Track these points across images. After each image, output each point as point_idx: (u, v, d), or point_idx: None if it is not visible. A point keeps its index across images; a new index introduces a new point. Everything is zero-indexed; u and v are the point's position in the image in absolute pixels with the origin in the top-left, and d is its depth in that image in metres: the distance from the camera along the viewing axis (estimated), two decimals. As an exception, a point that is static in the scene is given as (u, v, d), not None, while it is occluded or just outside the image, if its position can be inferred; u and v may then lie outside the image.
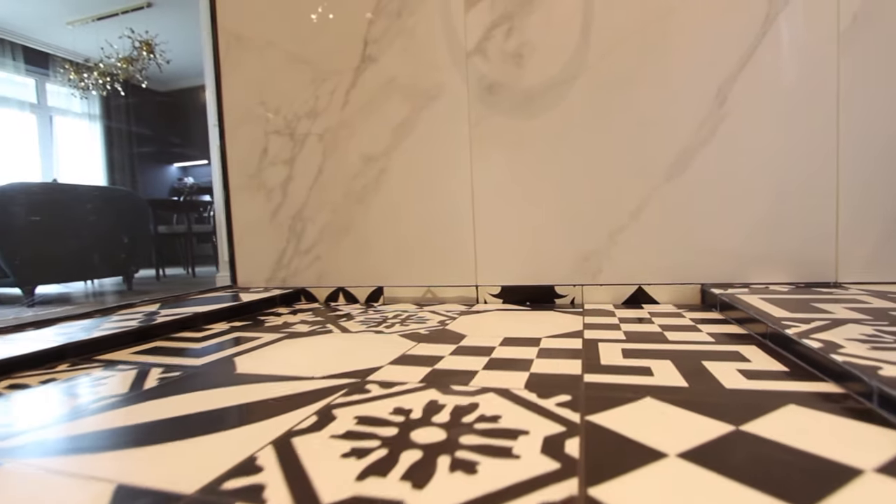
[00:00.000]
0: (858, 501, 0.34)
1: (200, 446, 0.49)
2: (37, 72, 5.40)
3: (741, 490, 0.36)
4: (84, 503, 0.39)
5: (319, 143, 1.44)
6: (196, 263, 5.02)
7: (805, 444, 0.43)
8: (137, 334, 0.99)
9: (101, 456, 0.48)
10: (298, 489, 0.39)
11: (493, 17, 1.28)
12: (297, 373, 0.73)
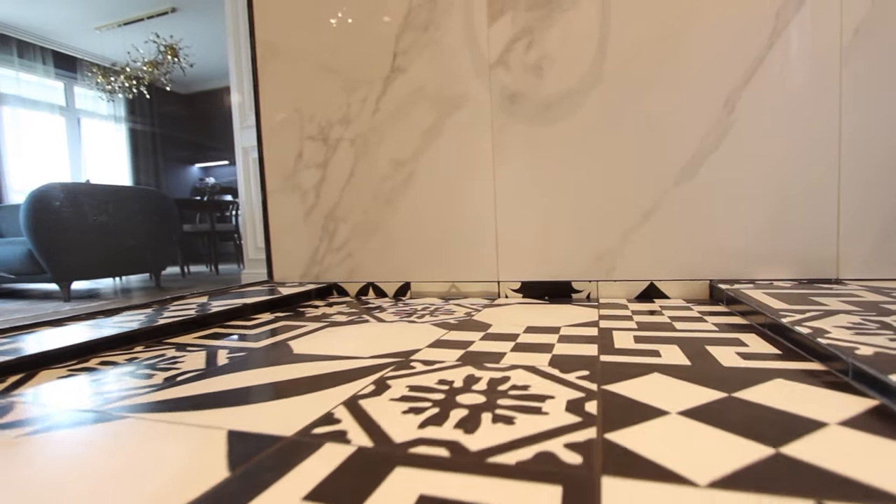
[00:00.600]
0: (818, 442, 0.44)
1: (283, 406, 0.60)
2: (65, 75, 5.63)
3: (727, 436, 0.46)
4: (206, 443, 0.50)
5: (351, 148, 1.56)
6: (218, 261, 5.19)
7: (784, 406, 0.53)
8: (196, 322, 1.12)
9: (204, 412, 0.59)
10: (374, 433, 0.50)
11: (515, 30, 1.38)
12: (347, 353, 0.85)
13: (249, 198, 3.26)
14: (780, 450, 0.43)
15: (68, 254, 3.36)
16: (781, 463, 0.41)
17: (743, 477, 0.39)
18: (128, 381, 0.73)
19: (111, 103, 5.85)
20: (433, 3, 1.43)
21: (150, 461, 0.46)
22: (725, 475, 0.39)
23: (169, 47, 4.97)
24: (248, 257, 3.24)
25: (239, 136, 3.23)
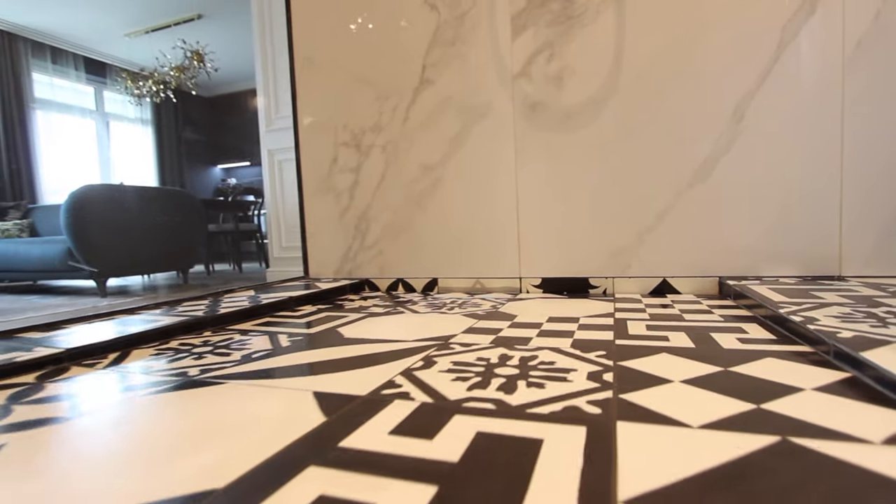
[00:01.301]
0: (792, 401, 0.56)
1: (351, 375, 0.73)
2: (96, 80, 5.88)
3: (718, 397, 0.58)
4: (298, 400, 0.63)
5: (382, 154, 1.69)
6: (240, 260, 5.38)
7: (770, 377, 0.64)
8: (249, 312, 1.26)
9: (286, 380, 0.72)
10: (431, 394, 0.63)
11: (537, 44, 1.49)
12: (392, 338, 0.97)
13: (275, 199, 3.41)
14: (760, 405, 0.55)
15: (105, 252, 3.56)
16: (759, 414, 0.52)
17: (728, 422, 0.50)
18: (210, 357, 0.87)
19: (139, 107, 6.09)
20: (460, 20, 1.56)
21: (264, 411, 0.60)
22: (714, 420, 0.51)
23: (195, 53, 5.18)
24: (273, 256, 3.40)
25: (265, 139, 3.39)
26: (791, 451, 0.44)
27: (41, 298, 3.56)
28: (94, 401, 0.65)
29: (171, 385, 0.71)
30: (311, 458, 0.46)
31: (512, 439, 0.48)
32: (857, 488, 0.37)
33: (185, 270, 4.33)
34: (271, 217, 3.45)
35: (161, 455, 0.48)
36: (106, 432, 0.55)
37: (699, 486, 0.38)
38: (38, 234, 4.65)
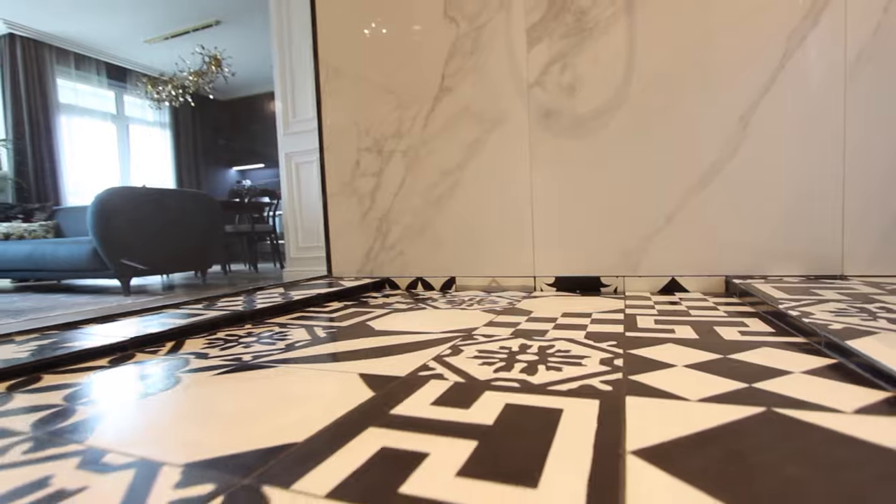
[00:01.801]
0: (781, 381, 0.64)
1: (389, 360, 0.82)
2: (117, 85, 6.07)
3: (716, 378, 0.66)
4: (347, 379, 0.73)
5: (403, 159, 1.79)
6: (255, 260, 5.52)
7: (763, 363, 0.73)
8: (283, 307, 1.36)
9: (333, 364, 0.82)
10: (462, 375, 0.72)
11: (551, 55, 1.58)
12: (420, 330, 1.07)
13: (292, 200, 3.52)
14: (751, 385, 0.63)
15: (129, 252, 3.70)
16: (750, 391, 0.61)
17: (721, 397, 0.59)
18: (258, 346, 0.97)
19: (158, 111, 6.27)
20: (478, 32, 1.65)
21: (318, 388, 0.69)
22: (709, 396, 0.59)
23: (213, 58, 5.34)
24: (290, 256, 3.51)
25: (282, 142, 3.50)
26: (773, 418, 0.52)
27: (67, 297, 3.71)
28: (168, 380, 0.76)
29: (231, 368, 0.81)
30: (369, 421, 0.55)
31: (536, 409, 0.57)
32: (824, 445, 0.46)
33: (204, 270, 4.46)
34: (288, 218, 3.56)
35: (244, 418, 0.58)
36: (190, 402, 0.65)
37: (693, 442, 0.47)
38: (62, 235, 4.83)
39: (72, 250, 3.85)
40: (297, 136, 3.35)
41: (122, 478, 0.44)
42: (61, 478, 0.44)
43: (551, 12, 1.57)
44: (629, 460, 0.44)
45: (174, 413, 0.61)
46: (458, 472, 0.43)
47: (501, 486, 0.40)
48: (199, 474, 0.44)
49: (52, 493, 0.42)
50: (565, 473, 0.42)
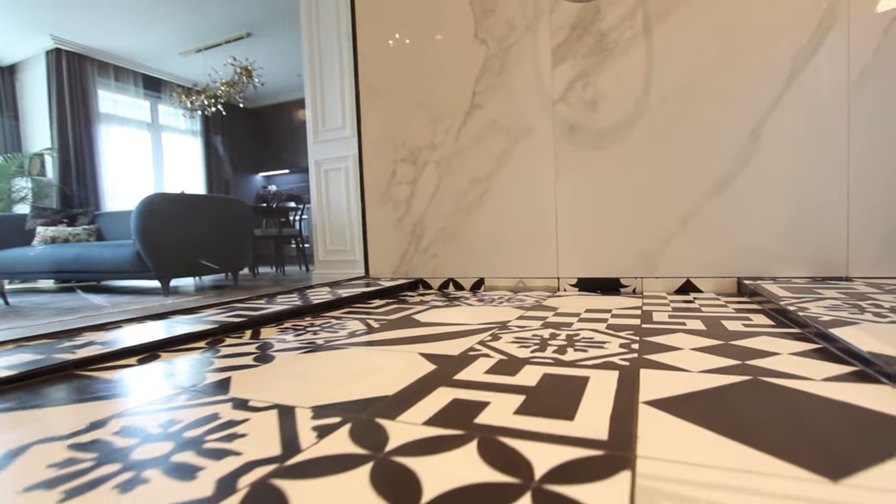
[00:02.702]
0: (769, 360, 0.79)
1: (441, 344, 0.99)
2: (152, 95, 6.42)
3: (715, 357, 0.81)
4: (410, 358, 0.90)
5: (436, 169, 1.96)
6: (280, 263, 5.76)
7: (759, 347, 0.87)
8: (334, 303, 1.54)
9: (395, 346, 0.99)
10: (505, 355, 0.88)
11: (574, 73, 1.74)
12: (460, 322, 1.24)
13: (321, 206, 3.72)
14: (744, 362, 0.78)
15: (169, 254, 3.96)
16: (743, 366, 0.76)
17: (717, 370, 0.74)
18: (324, 333, 1.15)
19: (191, 119, 6.60)
20: (507, 52, 1.82)
21: (389, 363, 0.87)
22: (707, 369, 0.75)
23: (244, 69, 5.62)
24: (318, 259, 3.71)
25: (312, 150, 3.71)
26: (756, 383, 0.68)
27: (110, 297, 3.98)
28: (264, 357, 0.94)
29: (310, 349, 0.99)
30: (438, 383, 0.72)
31: (568, 377, 0.74)
32: (792, 398, 0.61)
33: (236, 272, 4.71)
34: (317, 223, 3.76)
35: (339, 381, 0.75)
36: (290, 371, 0.83)
37: (689, 396, 0.63)
38: (103, 238, 5.13)
39: (116, 253, 4.13)
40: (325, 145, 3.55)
41: (269, 414, 0.62)
42: (225, 414, 0.62)
43: (574, 34, 1.73)
44: (640, 407, 0.60)
45: (283, 378, 0.79)
46: (515, 411, 0.59)
47: (548, 420, 0.56)
48: (324, 412, 0.61)
49: (227, 421, 0.59)
50: (593, 412, 0.58)
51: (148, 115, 6.43)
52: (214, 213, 4.35)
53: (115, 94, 5.96)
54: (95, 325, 1.19)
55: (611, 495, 0.40)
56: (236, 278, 4.71)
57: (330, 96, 3.47)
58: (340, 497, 0.41)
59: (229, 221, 4.44)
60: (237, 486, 0.43)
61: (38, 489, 0.44)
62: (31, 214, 4.91)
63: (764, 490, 0.40)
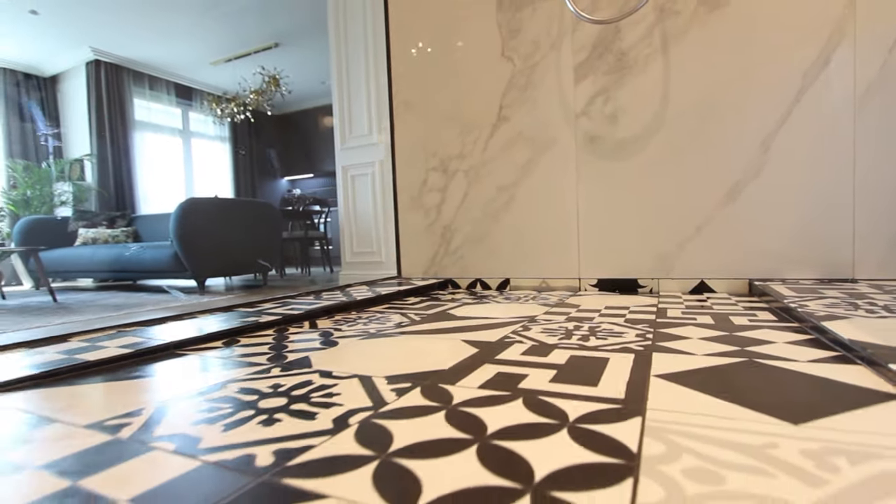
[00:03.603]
0: (766, 346, 0.92)
1: (479, 333, 1.15)
2: (183, 103, 6.73)
3: (719, 344, 0.95)
4: (455, 343, 1.05)
5: (465, 177, 2.13)
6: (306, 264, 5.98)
7: (758, 337, 1.01)
8: (374, 300, 1.71)
9: (439, 335, 1.15)
10: (535, 341, 1.04)
11: (595, 89, 1.88)
12: (491, 316, 1.39)
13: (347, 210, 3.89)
14: (743, 348, 0.92)
15: (205, 255, 4.19)
16: (742, 351, 0.90)
17: (719, 354, 0.88)
18: (373, 325, 1.32)
19: (221, 125, 6.89)
20: (532, 69, 1.98)
21: (437, 347, 1.03)
22: (710, 353, 0.89)
23: (272, 77, 5.88)
24: (345, 261, 3.89)
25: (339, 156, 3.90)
26: (751, 364, 0.82)
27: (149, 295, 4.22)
28: (328, 342, 1.11)
29: (365, 336, 1.16)
30: (482, 361, 0.88)
31: (591, 358, 0.89)
32: (778, 373, 0.75)
33: (265, 273, 4.93)
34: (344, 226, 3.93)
35: (399, 359, 0.92)
36: (356, 352, 0.99)
37: (693, 372, 0.77)
38: (139, 240, 5.41)
39: (155, 254, 4.38)
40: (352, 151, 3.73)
41: (352, 381, 0.78)
42: (316, 381, 0.79)
43: (595, 53, 1.88)
44: (651, 378, 0.74)
45: (352, 357, 0.96)
46: (549, 380, 0.75)
47: (576, 386, 0.72)
48: (396, 380, 0.78)
49: (320, 385, 0.76)
50: (613, 381, 0.73)
51: (179, 121, 6.74)
52: (246, 216, 4.58)
53: (150, 102, 6.27)
54: (175, 316, 1.37)
55: (627, 432, 0.55)
56: (265, 278, 4.94)
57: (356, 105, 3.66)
58: (426, 430, 0.57)
59: (260, 224, 4.66)
60: (349, 423, 0.60)
61: (202, 423, 0.61)
62: (73, 217, 5.22)
63: (740, 429, 0.54)
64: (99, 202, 5.80)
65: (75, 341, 1.11)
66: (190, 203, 4.18)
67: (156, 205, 6.27)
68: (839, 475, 0.43)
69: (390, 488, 0.44)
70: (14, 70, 5.56)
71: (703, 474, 0.44)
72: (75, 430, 0.60)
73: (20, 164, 5.39)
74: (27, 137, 5.71)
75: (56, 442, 0.57)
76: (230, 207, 4.49)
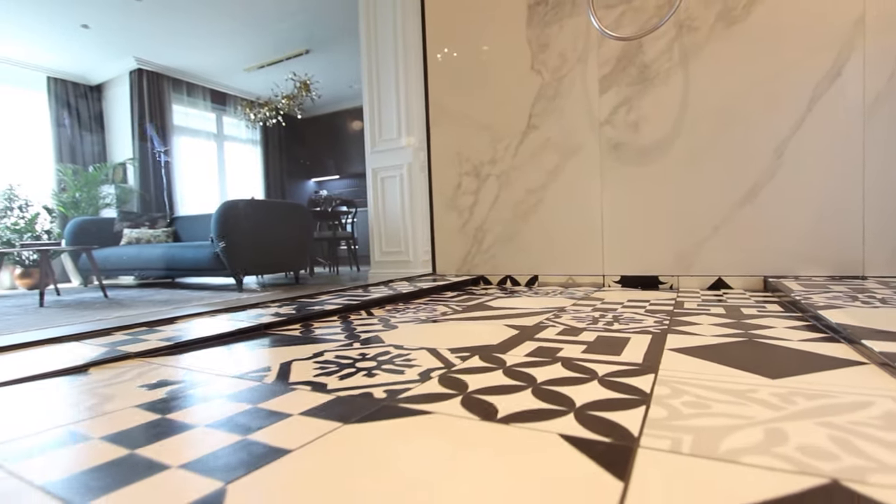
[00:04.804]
0: (769, 330, 1.10)
1: (515, 320, 1.34)
2: (218, 108, 7.08)
3: (727, 329, 1.13)
4: (498, 327, 1.25)
5: (496, 181, 2.32)
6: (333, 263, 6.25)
7: (763, 324, 1.18)
8: (416, 294, 1.92)
9: (481, 321, 1.35)
10: (566, 325, 1.23)
11: (619, 99, 2.06)
12: (525, 307, 1.58)
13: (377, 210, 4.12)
14: (747, 332, 1.09)
15: (244, 254, 4.47)
16: (745, 333, 1.07)
17: (725, 335, 1.06)
18: (422, 313, 1.53)
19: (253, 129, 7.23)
20: (559, 81, 2.16)
21: (483, 329, 1.23)
22: (718, 334, 1.07)
23: (303, 83, 6.17)
24: (374, 260, 4.11)
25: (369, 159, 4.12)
26: (750, 342, 0.99)
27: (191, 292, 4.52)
28: (395, 325, 1.31)
29: (417, 321, 1.36)
30: (523, 340, 1.07)
31: (615, 337, 1.07)
32: (772, 349, 0.93)
33: (297, 271, 5.20)
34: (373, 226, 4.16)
35: (453, 338, 1.12)
36: (417, 333, 1.20)
37: (699, 347, 0.96)
38: (179, 240, 5.75)
39: (197, 252, 4.69)
40: (382, 154, 3.95)
41: (422, 351, 0.99)
42: (392, 351, 1.00)
43: (619, 66, 2.05)
44: (665, 351, 0.93)
45: (415, 335, 1.16)
46: (581, 352, 0.94)
47: (603, 355, 0.91)
48: (456, 351, 0.98)
49: (397, 354, 0.97)
50: (633, 352, 0.92)
51: (214, 126, 7.10)
52: (280, 216, 4.86)
53: (187, 107, 6.64)
54: (250, 304, 1.61)
55: (643, 382, 0.74)
56: (297, 276, 5.21)
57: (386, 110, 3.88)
58: (491, 380, 0.77)
59: (294, 224, 4.94)
60: (431, 376, 0.80)
61: (322, 376, 0.83)
62: (118, 218, 5.59)
63: (728, 381, 0.73)
64: (140, 204, 6.17)
65: (179, 323, 1.34)
66: (230, 205, 4.47)
67: (192, 206, 6.63)
68: (795, 405, 0.62)
69: (475, 409, 0.64)
70: (64, 80, 5.97)
71: (696, 404, 0.63)
72: (231, 379, 0.82)
73: (70, 168, 5.79)
74: (75, 143, 6.11)
75: (221, 384, 0.79)
76: (266, 208, 4.77)
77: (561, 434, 0.55)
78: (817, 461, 0.47)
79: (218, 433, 0.58)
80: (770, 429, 0.54)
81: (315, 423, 0.61)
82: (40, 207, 5.62)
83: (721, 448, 0.50)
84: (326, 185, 8.11)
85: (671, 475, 0.45)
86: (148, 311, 2.85)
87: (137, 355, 1.00)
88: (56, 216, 5.78)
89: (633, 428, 0.56)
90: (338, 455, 0.51)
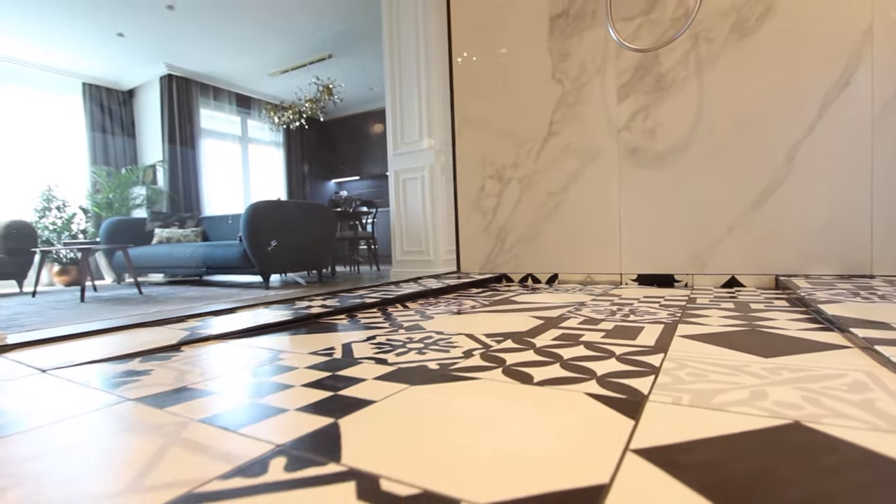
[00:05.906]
0: (771, 321, 1.23)
1: (540, 312, 1.49)
2: (242, 111, 7.34)
3: (734, 321, 1.26)
4: (524, 317, 1.40)
5: (518, 184, 2.47)
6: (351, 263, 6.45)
7: (768, 316, 1.31)
8: (444, 290, 2.08)
9: (508, 312, 1.50)
10: (587, 317, 1.37)
11: (636, 106, 2.19)
12: (546, 302, 1.73)
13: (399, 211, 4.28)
14: (751, 322, 1.23)
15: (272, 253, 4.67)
16: (749, 324, 1.21)
17: (731, 325, 1.19)
18: (453, 306, 1.68)
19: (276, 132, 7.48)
20: (579, 90, 2.30)
21: (512, 319, 1.38)
22: (724, 324, 1.20)
23: (325, 87, 6.38)
24: (396, 259, 4.28)
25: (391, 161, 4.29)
26: (753, 331, 1.13)
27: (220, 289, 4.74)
28: (426, 317, 1.47)
29: (450, 313, 1.52)
30: (549, 328, 1.22)
31: (631, 326, 1.21)
32: (770, 336, 1.06)
33: (320, 270, 5.40)
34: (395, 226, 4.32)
35: (486, 326, 1.27)
36: (452, 322, 1.35)
37: (706, 335, 1.09)
38: (207, 239, 5.99)
39: (226, 251, 4.92)
40: (404, 156, 4.12)
41: (460, 336, 1.14)
42: (434, 336, 1.15)
43: (637, 75, 2.18)
44: (675, 337, 1.07)
45: (451, 324, 1.32)
46: (601, 337, 1.08)
47: (620, 340, 1.05)
48: (491, 336, 1.13)
49: (438, 338, 1.12)
50: (646, 338, 1.06)
51: (239, 129, 7.36)
52: (305, 217, 5.07)
53: (213, 111, 6.90)
54: (298, 297, 1.78)
55: (654, 359, 0.88)
56: (321, 275, 5.41)
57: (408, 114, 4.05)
58: (525, 357, 0.92)
59: (318, 224, 5.14)
60: (473, 354, 0.96)
61: (380, 353, 0.99)
62: (149, 218, 5.86)
63: (727, 359, 0.87)
64: (169, 204, 6.45)
65: (239, 313, 1.52)
66: (257, 205, 4.68)
67: (217, 206, 6.90)
68: (779, 376, 0.76)
69: (515, 376, 0.79)
70: (98, 85, 6.27)
71: (697, 374, 0.77)
72: (306, 355, 0.99)
73: (104, 170, 6.09)
74: (108, 146, 6.41)
75: (299, 359, 0.95)
76: (291, 209, 4.98)
77: (586, 392, 0.70)
78: (787, 410, 0.61)
79: (313, 390, 0.74)
80: (755, 391, 0.69)
81: (387, 384, 0.77)
82: (76, 208, 5.92)
83: (713, 402, 0.64)
84: (346, 186, 8.32)
85: (671, 417, 0.60)
86: (184, 307, 3.06)
87: (216, 337, 1.18)
88: (91, 216, 6.08)
89: (644, 389, 0.71)
90: (413, 404, 0.67)
